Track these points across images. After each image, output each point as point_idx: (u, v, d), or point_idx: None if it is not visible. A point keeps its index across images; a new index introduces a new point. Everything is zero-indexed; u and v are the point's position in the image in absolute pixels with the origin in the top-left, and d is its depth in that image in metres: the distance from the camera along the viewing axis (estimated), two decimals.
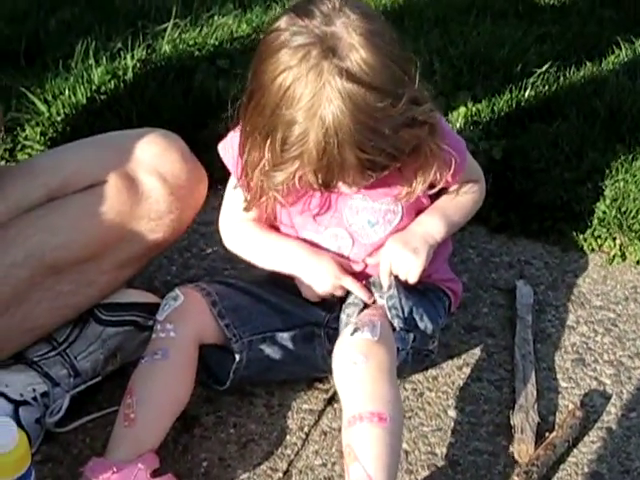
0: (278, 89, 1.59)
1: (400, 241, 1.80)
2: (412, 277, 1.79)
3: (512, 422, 1.83)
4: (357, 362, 1.67)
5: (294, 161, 1.61)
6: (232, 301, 1.83)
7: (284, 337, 1.85)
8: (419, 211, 1.85)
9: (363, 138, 1.57)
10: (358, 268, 1.84)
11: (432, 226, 1.83)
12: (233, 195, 1.86)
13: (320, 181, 1.63)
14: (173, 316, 1.79)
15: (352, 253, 1.83)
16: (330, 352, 1.77)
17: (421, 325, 1.82)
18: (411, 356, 1.82)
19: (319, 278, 1.81)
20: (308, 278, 1.82)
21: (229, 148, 1.82)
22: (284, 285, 1.88)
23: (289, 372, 1.89)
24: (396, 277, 1.79)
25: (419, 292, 1.85)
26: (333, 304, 1.85)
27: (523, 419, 1.83)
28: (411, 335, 1.80)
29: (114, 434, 1.70)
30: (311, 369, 1.89)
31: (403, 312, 1.78)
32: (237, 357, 1.80)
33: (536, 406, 1.87)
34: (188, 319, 1.79)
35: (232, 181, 1.86)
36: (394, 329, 1.76)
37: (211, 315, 1.81)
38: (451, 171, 1.75)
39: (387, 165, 1.64)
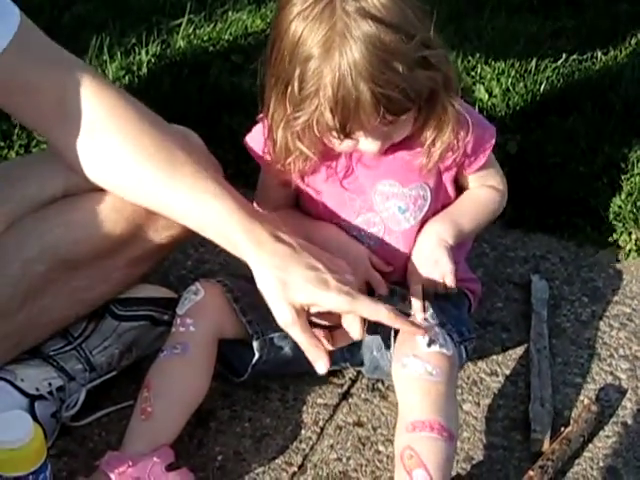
0: (294, 32, 1.62)
1: (420, 263, 1.80)
2: (450, 282, 1.79)
3: (530, 415, 1.83)
4: (433, 373, 1.68)
5: (312, 99, 1.62)
6: (254, 297, 1.82)
7: None
8: (446, 201, 1.85)
9: (376, 71, 1.58)
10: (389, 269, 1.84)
11: (441, 232, 1.82)
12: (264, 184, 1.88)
13: (337, 122, 1.63)
14: (193, 311, 1.79)
15: (384, 241, 1.83)
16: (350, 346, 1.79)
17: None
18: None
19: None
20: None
21: (257, 139, 1.83)
22: None
23: (307, 366, 1.88)
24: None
25: (443, 298, 1.85)
26: None
27: (539, 412, 1.83)
28: (462, 347, 1.80)
29: (130, 427, 1.70)
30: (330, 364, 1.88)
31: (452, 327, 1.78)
32: (257, 354, 1.80)
33: (551, 400, 1.86)
34: (208, 314, 1.79)
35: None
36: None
37: (232, 311, 1.80)
38: (469, 137, 1.75)
39: (404, 107, 1.63)
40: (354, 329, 1.66)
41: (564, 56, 2.87)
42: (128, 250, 1.80)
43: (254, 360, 1.81)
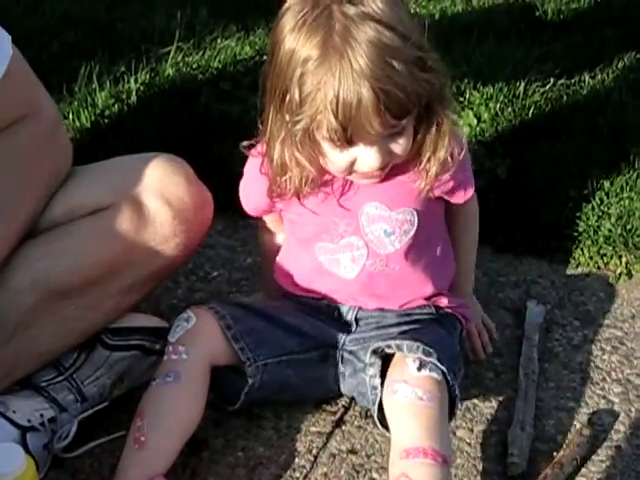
0: (291, 40, 1.64)
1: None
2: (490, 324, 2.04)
3: (508, 439, 1.83)
4: (423, 398, 1.68)
5: (312, 102, 1.62)
6: (247, 324, 1.82)
7: (300, 359, 1.83)
8: (434, 222, 1.86)
9: (377, 69, 1.59)
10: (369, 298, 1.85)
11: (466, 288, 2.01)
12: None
13: (339, 124, 1.62)
14: (185, 338, 1.78)
15: (367, 263, 1.82)
16: (342, 374, 1.79)
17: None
18: None
19: None
20: None
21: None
22: (303, 305, 1.88)
23: (300, 393, 1.88)
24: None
25: (437, 323, 1.86)
26: (351, 327, 1.85)
27: (517, 436, 1.83)
28: (455, 386, 1.78)
29: (123, 457, 1.69)
30: (323, 390, 1.88)
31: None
32: (250, 381, 1.80)
33: (533, 424, 1.86)
34: (201, 342, 1.78)
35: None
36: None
37: (224, 338, 1.80)
38: (462, 155, 1.77)
39: (404, 107, 1.63)
40: None
41: (552, 80, 2.88)
42: (119, 279, 1.80)
43: (247, 387, 1.80)
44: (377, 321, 1.86)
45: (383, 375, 1.76)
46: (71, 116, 2.61)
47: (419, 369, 1.71)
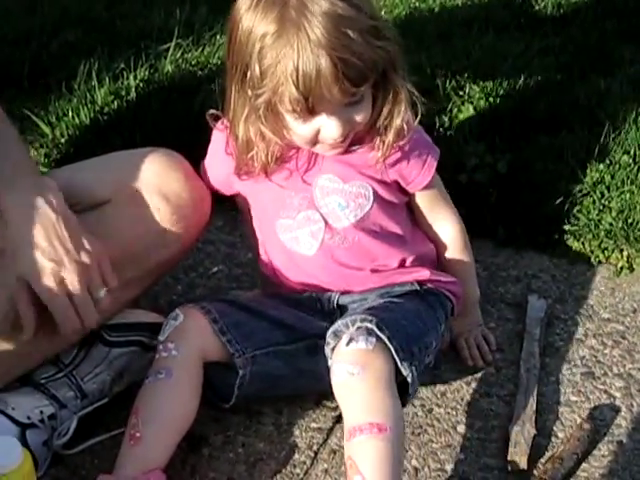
0: (248, 19, 1.69)
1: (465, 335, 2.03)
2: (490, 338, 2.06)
3: (509, 434, 1.82)
4: (354, 373, 1.67)
5: (272, 74, 1.66)
6: (233, 318, 1.83)
7: (287, 351, 1.84)
8: (391, 205, 1.86)
9: (333, 39, 1.63)
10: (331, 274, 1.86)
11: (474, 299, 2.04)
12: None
13: (300, 95, 1.65)
14: (174, 335, 1.79)
15: (326, 237, 1.83)
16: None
17: (423, 356, 1.81)
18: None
19: None
20: None
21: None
22: (285, 300, 1.89)
23: (294, 387, 1.88)
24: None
25: (419, 298, 1.86)
26: (334, 315, 1.84)
27: (518, 432, 1.82)
28: (412, 368, 1.75)
29: (121, 453, 1.70)
30: (316, 383, 1.86)
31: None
32: (240, 372, 1.80)
33: (534, 419, 1.85)
34: (189, 337, 1.79)
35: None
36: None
37: (212, 332, 1.80)
38: (416, 122, 1.80)
39: (362, 74, 1.66)
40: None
41: (552, 74, 2.87)
42: (117, 274, 1.79)
43: (238, 380, 1.81)
44: (359, 305, 1.85)
45: None
46: (70, 113, 2.61)
47: (347, 344, 1.71)
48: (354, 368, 1.68)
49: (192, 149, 1.96)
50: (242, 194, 1.91)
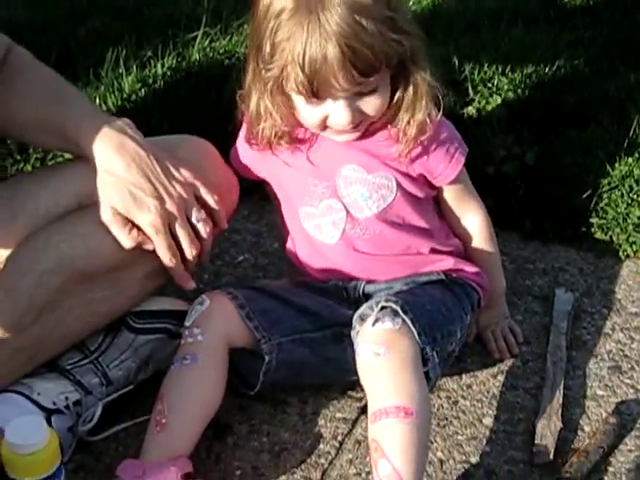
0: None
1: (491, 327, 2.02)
2: (517, 330, 2.04)
3: (536, 427, 1.82)
4: (380, 353, 1.66)
5: (282, 52, 1.66)
6: (259, 304, 1.83)
7: (314, 338, 1.84)
8: (415, 198, 1.84)
9: (344, 24, 1.62)
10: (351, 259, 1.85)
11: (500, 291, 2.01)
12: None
13: (305, 78, 1.65)
14: (200, 320, 1.79)
15: (347, 227, 1.83)
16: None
17: (445, 343, 1.81)
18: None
19: None
20: None
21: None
22: (311, 288, 1.89)
23: (320, 375, 1.87)
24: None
25: (445, 287, 1.86)
26: (360, 303, 1.84)
27: (544, 425, 1.81)
28: (434, 353, 1.75)
29: (147, 439, 1.70)
30: (342, 372, 1.86)
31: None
32: (267, 358, 1.79)
33: (560, 412, 1.84)
34: (216, 322, 1.79)
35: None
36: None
37: (239, 318, 1.80)
38: (440, 116, 1.78)
39: (371, 65, 1.65)
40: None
41: (581, 67, 2.85)
42: (144, 262, 1.80)
43: (264, 366, 1.80)
44: (385, 293, 1.84)
45: None
46: (98, 100, 2.61)
47: (374, 324, 1.70)
48: (379, 348, 1.67)
49: (219, 138, 1.96)
50: (267, 180, 1.91)
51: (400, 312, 1.70)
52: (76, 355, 1.82)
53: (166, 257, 1.77)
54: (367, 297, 1.86)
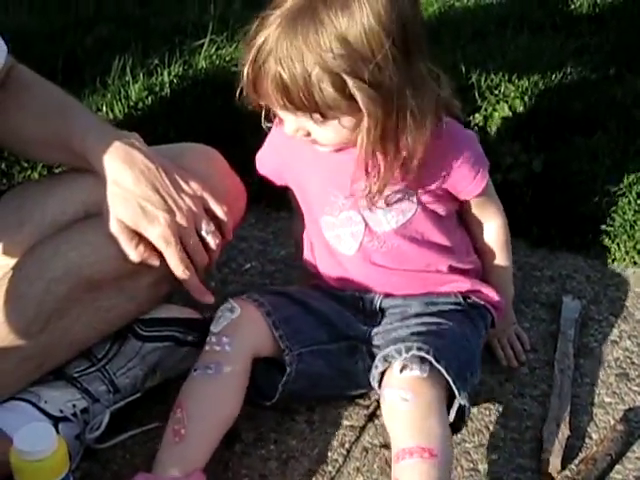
0: None
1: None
2: (524, 337, 2.03)
3: (543, 435, 1.81)
4: (407, 399, 1.66)
5: (251, 43, 1.65)
6: (284, 312, 1.82)
7: (329, 350, 1.83)
8: (436, 215, 1.83)
9: (292, 49, 1.60)
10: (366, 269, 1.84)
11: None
12: None
13: (247, 78, 1.65)
14: (230, 329, 1.78)
15: (365, 240, 1.82)
16: (370, 368, 1.77)
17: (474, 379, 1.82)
18: None
19: None
20: None
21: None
22: (329, 294, 1.88)
23: (335, 387, 1.87)
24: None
25: (463, 315, 1.85)
26: (376, 318, 1.84)
27: (552, 432, 1.81)
28: (465, 394, 1.74)
29: (163, 449, 1.68)
30: (354, 385, 1.87)
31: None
32: (288, 369, 1.79)
33: (567, 420, 1.84)
34: (245, 333, 1.78)
35: None
36: None
37: (267, 327, 1.79)
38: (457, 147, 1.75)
39: (301, 103, 1.62)
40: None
41: (588, 73, 2.85)
42: (151, 270, 1.79)
43: (284, 378, 1.79)
44: (401, 311, 1.84)
45: None
46: (105, 108, 2.62)
47: (401, 371, 1.69)
48: (406, 394, 1.67)
49: (226, 145, 1.96)
50: (290, 186, 1.90)
51: (432, 360, 1.69)
52: (83, 363, 1.82)
53: (179, 270, 1.76)
54: (382, 311, 1.85)
